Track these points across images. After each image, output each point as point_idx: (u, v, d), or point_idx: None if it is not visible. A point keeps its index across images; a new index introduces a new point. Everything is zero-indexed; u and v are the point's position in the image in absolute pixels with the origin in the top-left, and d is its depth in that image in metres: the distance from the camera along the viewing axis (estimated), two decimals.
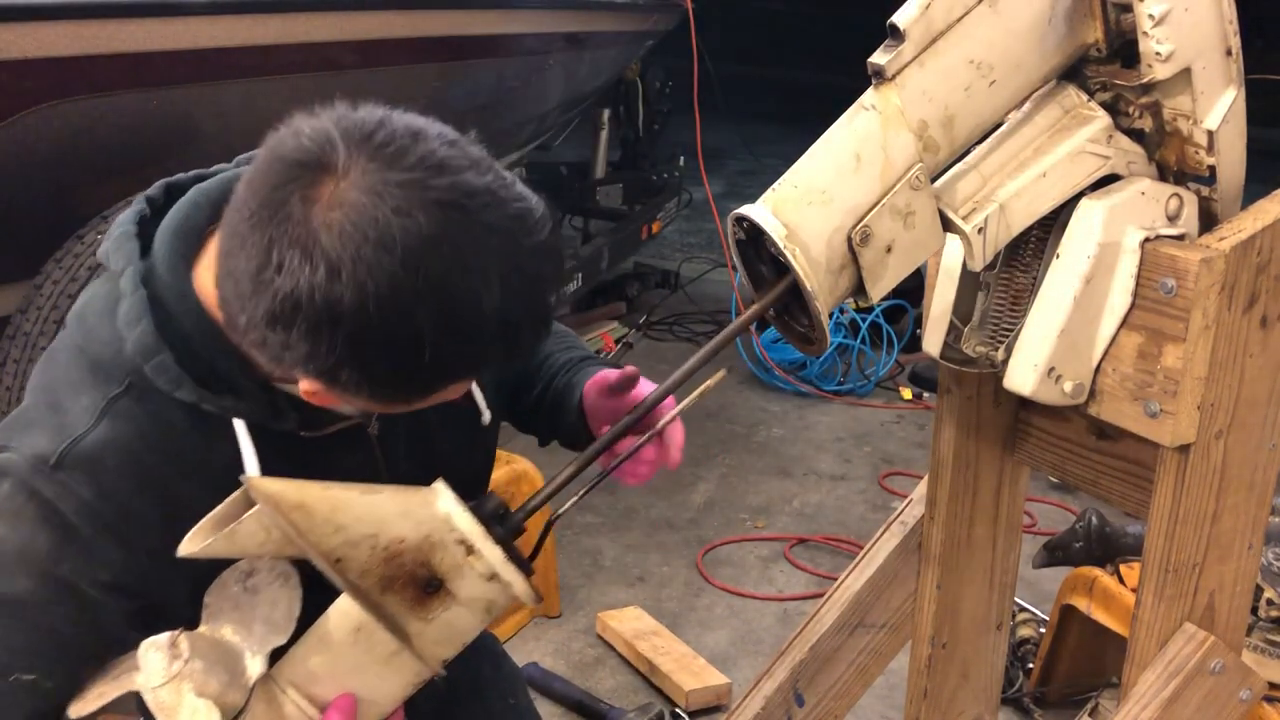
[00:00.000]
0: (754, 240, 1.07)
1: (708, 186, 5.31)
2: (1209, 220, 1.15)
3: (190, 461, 1.08)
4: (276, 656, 1.07)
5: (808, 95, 8.24)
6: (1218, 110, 1.10)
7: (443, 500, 1.01)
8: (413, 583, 1.01)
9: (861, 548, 1.51)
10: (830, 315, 1.07)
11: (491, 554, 1.00)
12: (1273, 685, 1.82)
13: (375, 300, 0.90)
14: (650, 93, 6.15)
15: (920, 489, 1.47)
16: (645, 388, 1.24)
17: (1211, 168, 1.12)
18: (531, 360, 1.41)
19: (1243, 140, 1.14)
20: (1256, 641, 2.14)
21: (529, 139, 5.34)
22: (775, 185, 1.06)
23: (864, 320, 4.81)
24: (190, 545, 0.99)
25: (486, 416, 1.29)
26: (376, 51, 3.28)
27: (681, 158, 6.31)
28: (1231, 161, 1.13)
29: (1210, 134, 1.10)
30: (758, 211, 1.04)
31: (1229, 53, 1.10)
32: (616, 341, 5.19)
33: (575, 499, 1.14)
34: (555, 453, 1.47)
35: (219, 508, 1.01)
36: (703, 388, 1.17)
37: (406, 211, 0.90)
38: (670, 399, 1.21)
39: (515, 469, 2.96)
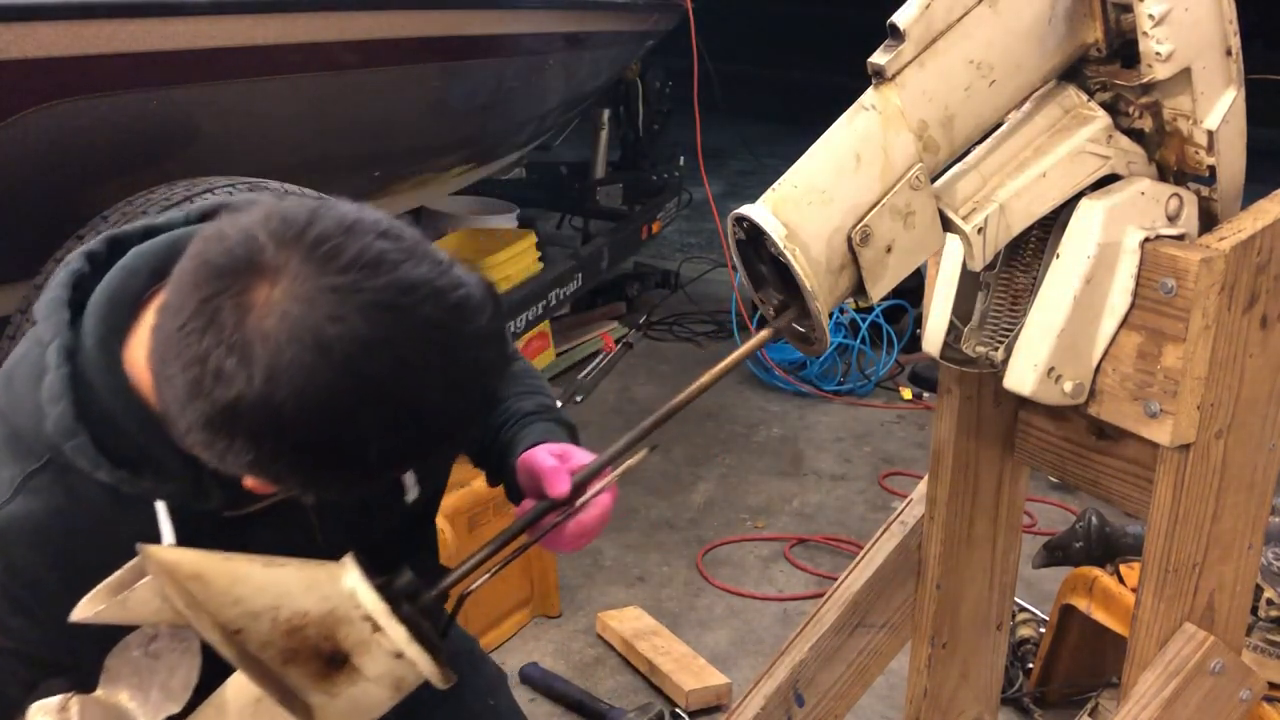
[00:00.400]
0: (754, 240, 1.07)
1: (708, 186, 5.31)
2: (1209, 220, 1.15)
3: (107, 539, 1.06)
4: None
5: (808, 95, 8.23)
6: (1218, 110, 1.10)
7: (349, 576, 0.99)
8: (317, 656, 1.00)
9: (861, 548, 1.51)
10: (830, 315, 1.07)
11: (396, 633, 0.99)
12: (1273, 685, 1.82)
13: (316, 407, 0.89)
14: (650, 93, 6.13)
15: (920, 489, 1.47)
16: (578, 458, 1.22)
17: (1211, 168, 1.12)
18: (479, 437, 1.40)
19: (1243, 140, 1.14)
20: (1256, 641, 2.14)
21: (529, 139, 5.33)
22: (775, 185, 1.06)
23: (864, 320, 4.81)
24: (83, 611, 0.98)
25: (412, 494, 1.29)
26: (376, 51, 3.27)
27: (681, 158, 6.30)
28: (1231, 161, 1.13)
29: (1210, 134, 1.10)
30: (758, 211, 1.04)
31: (1229, 53, 1.10)
32: (616, 341, 5.18)
33: (490, 574, 1.14)
34: None
35: (116, 574, 1.00)
36: (624, 466, 1.19)
37: (342, 317, 0.89)
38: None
39: None
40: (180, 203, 2.29)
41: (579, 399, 4.59)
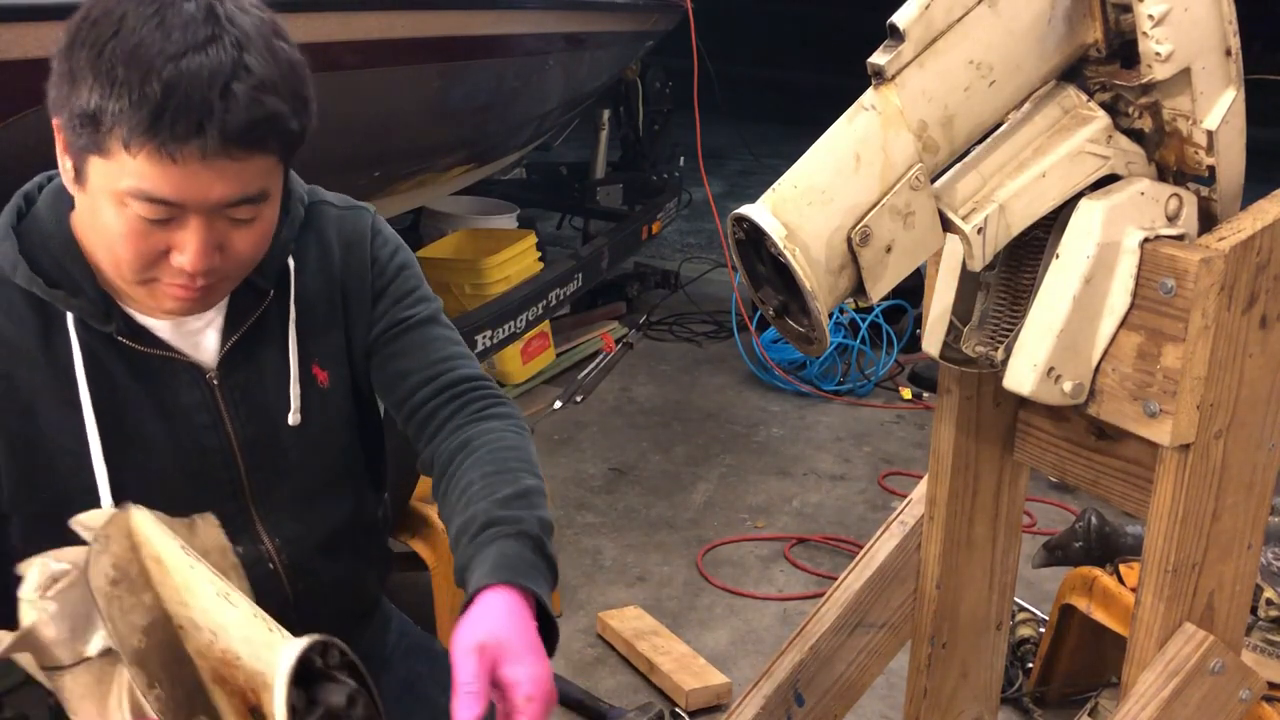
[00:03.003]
0: (754, 240, 1.07)
1: (708, 186, 5.31)
2: (1209, 220, 1.16)
3: (27, 349, 1.24)
4: None
5: (808, 95, 8.25)
6: (1217, 110, 1.10)
7: (283, 657, 0.94)
8: (244, 697, 0.98)
9: (861, 548, 1.51)
10: (830, 315, 1.07)
11: None
12: (1272, 685, 1.82)
13: (72, 22, 1.11)
14: (650, 93, 6.14)
15: (920, 489, 1.47)
16: (509, 655, 1.09)
17: (1211, 168, 1.12)
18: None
19: (1242, 140, 1.14)
20: (1256, 641, 2.14)
21: (529, 139, 5.34)
22: (775, 185, 1.06)
23: (864, 320, 4.81)
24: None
25: (294, 419, 1.35)
26: (376, 51, 3.28)
27: (681, 158, 6.31)
28: (1231, 161, 1.13)
29: (1210, 134, 1.10)
30: (758, 211, 1.04)
31: (1229, 53, 1.10)
32: (617, 342, 5.19)
33: None
34: (561, 453, 1.47)
35: (95, 514, 1.03)
36: None
37: None
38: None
39: None
40: None
41: (579, 399, 4.59)
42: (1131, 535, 2.49)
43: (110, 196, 1.13)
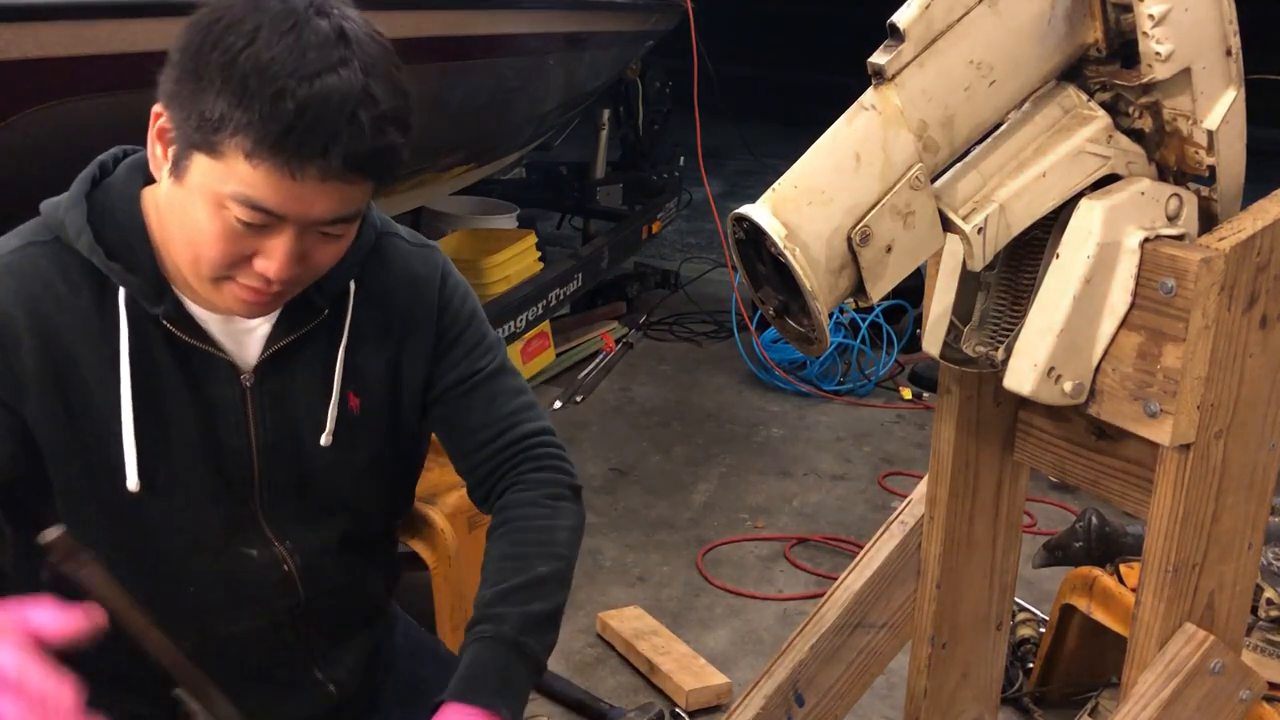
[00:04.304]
0: (754, 240, 1.07)
1: (708, 186, 5.31)
2: (1209, 220, 1.16)
3: (78, 315, 1.24)
4: None
5: (808, 95, 8.25)
6: (1217, 110, 1.10)
7: None
8: None
9: (861, 548, 1.51)
10: (830, 315, 1.07)
11: None
12: (1273, 685, 1.82)
13: (201, 22, 1.12)
14: (650, 93, 6.14)
15: (920, 489, 1.47)
16: None
17: (1211, 168, 1.13)
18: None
19: (1243, 140, 1.14)
20: (1256, 641, 2.14)
21: (529, 139, 5.33)
22: (775, 185, 1.06)
23: (864, 320, 4.81)
24: None
25: (325, 439, 1.35)
26: None
27: (681, 158, 6.31)
28: (1231, 161, 1.14)
29: (1210, 134, 1.10)
30: (757, 211, 1.04)
31: (1229, 53, 1.10)
32: (617, 342, 5.18)
33: None
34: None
35: None
36: None
37: None
38: None
39: None
40: None
41: (579, 399, 4.59)
42: (1131, 535, 2.49)
43: (209, 196, 1.14)
